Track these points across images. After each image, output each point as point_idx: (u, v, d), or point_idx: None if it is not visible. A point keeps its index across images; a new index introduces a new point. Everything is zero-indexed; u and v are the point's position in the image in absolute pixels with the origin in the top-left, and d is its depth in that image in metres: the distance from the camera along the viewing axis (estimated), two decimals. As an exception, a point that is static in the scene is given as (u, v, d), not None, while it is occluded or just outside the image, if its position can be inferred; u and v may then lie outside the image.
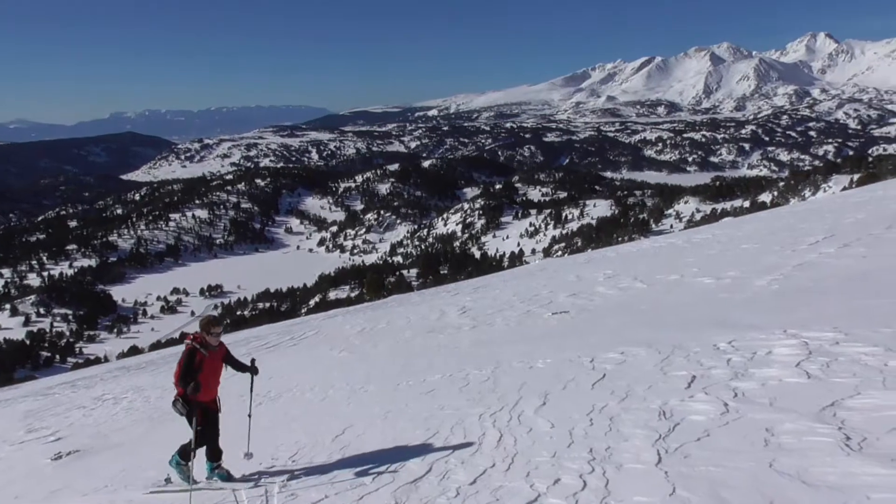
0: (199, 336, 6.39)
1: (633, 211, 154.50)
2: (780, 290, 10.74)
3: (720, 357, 6.72)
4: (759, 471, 4.07)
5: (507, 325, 13.08)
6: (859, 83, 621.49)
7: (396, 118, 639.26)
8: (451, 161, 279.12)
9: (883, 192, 25.29)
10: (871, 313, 7.47)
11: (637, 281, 14.77)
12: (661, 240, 27.88)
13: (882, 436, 4.19)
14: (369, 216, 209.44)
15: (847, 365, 5.65)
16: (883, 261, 11.40)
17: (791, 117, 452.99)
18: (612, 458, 4.82)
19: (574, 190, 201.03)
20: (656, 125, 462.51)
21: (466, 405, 7.23)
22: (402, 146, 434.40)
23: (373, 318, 19.70)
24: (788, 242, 15.49)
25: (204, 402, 6.42)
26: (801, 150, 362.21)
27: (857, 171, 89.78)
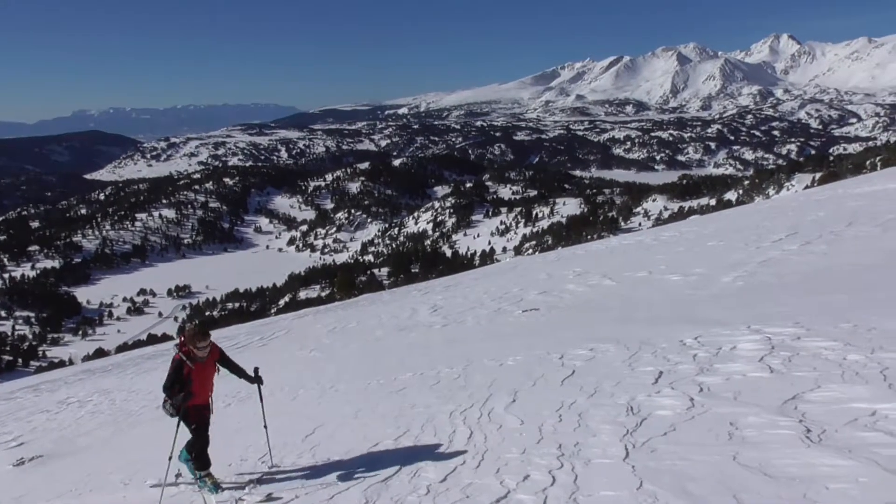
0: (187, 348, 6.08)
1: (603, 209, 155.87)
2: (744, 287, 10.95)
3: (686, 352, 6.83)
4: (723, 464, 4.16)
5: (478, 323, 13.14)
6: (820, 84, 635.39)
7: (366, 116, 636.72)
8: (421, 159, 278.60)
9: (843, 190, 25.89)
10: (831, 308, 7.66)
11: (606, 278, 14.93)
12: (629, 237, 28.20)
13: (840, 428, 4.31)
14: (340, 215, 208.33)
15: (808, 359, 5.79)
16: (843, 257, 11.69)
17: (755, 117, 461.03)
18: (580, 453, 4.87)
19: (544, 188, 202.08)
20: (625, 124, 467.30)
21: (437, 403, 7.25)
22: (373, 144, 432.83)
23: (343, 318, 19.63)
24: (753, 240, 15.79)
25: (195, 405, 6.21)
26: (765, 150, 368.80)
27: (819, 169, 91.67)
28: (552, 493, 4.32)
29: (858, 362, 5.45)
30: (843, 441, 4.11)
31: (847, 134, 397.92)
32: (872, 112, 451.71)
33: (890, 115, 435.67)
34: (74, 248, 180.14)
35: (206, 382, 6.23)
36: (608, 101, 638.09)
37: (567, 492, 4.28)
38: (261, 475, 6.38)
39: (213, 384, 6.35)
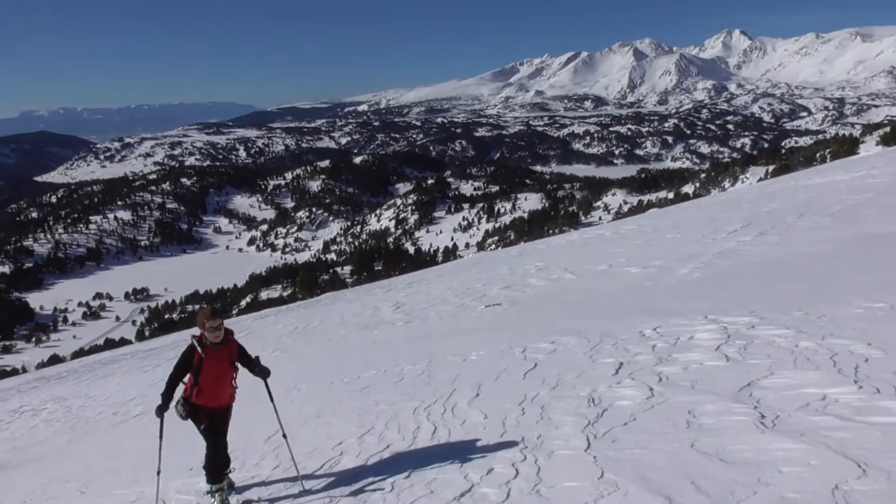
0: (199, 335, 5.37)
1: (563, 204, 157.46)
2: (701, 278, 11.17)
3: (646, 343, 6.94)
4: (681, 451, 4.24)
5: (442, 319, 13.16)
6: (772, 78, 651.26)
7: (326, 114, 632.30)
8: (382, 157, 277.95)
9: (794, 182, 26.58)
10: (784, 297, 7.87)
11: (567, 272, 15.08)
12: (590, 231, 28.52)
13: (793, 413, 4.43)
14: (300, 214, 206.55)
15: (762, 347, 5.94)
16: (795, 247, 12.00)
17: (710, 111, 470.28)
18: (543, 445, 4.92)
19: (505, 184, 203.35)
20: (584, 119, 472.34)
21: (401, 400, 7.25)
22: (333, 142, 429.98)
23: (306, 317, 19.48)
24: (709, 232, 16.12)
25: (209, 407, 5.43)
26: (720, 143, 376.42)
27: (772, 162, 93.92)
28: (515, 485, 4.36)
29: (810, 349, 5.61)
30: (795, 425, 4.23)
31: (798, 127, 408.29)
32: (821, 106, 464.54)
33: (838, 108, 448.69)
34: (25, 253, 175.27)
35: (222, 380, 5.40)
36: (567, 97, 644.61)
37: (530, 484, 4.32)
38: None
39: (233, 385, 5.53)
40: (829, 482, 3.44)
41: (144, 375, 15.49)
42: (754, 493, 3.54)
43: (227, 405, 5.59)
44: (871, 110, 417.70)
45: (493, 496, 4.29)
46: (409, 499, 4.65)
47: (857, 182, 20.11)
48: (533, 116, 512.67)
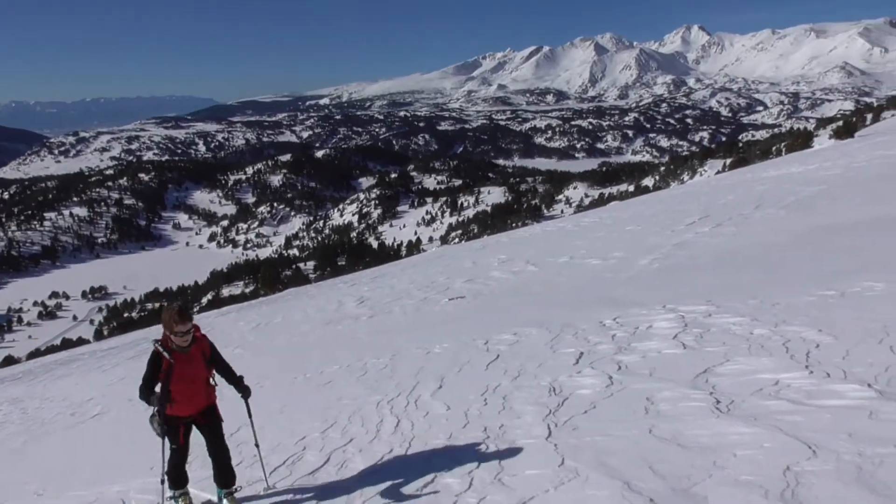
0: (164, 336, 4.85)
1: (526, 197, 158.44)
2: (660, 268, 11.35)
3: (606, 333, 7.04)
4: (640, 437, 4.32)
5: (405, 313, 13.15)
6: (729, 73, 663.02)
7: (287, 107, 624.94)
8: (345, 150, 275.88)
9: (751, 175, 27.15)
10: (740, 287, 8.04)
11: (530, 264, 15.19)
12: (552, 224, 28.76)
13: (747, 398, 4.55)
14: (262, 209, 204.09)
15: (718, 335, 6.07)
16: (750, 238, 12.27)
17: (670, 105, 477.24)
18: (505, 435, 4.97)
19: (469, 178, 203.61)
20: (546, 113, 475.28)
21: (364, 394, 7.23)
22: (294, 136, 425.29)
23: (268, 313, 19.28)
24: (668, 223, 16.37)
25: (187, 416, 4.95)
26: (679, 137, 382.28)
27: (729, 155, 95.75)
28: (478, 474, 4.40)
29: (764, 336, 5.75)
30: (749, 410, 4.34)
31: (754, 121, 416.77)
32: (777, 100, 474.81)
33: (793, 103, 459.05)
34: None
35: (195, 384, 4.91)
36: (529, 91, 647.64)
37: (492, 473, 4.36)
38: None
39: (208, 388, 5.04)
40: (781, 464, 3.54)
41: (103, 375, 15.18)
42: (710, 476, 3.62)
43: (206, 408, 5.04)
44: (825, 104, 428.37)
45: (456, 486, 4.31)
46: (372, 492, 4.66)
47: (811, 174, 20.61)
48: (495, 110, 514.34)
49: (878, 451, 3.44)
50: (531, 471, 4.24)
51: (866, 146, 26.23)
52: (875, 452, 3.44)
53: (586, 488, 3.82)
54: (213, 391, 5.10)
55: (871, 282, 6.76)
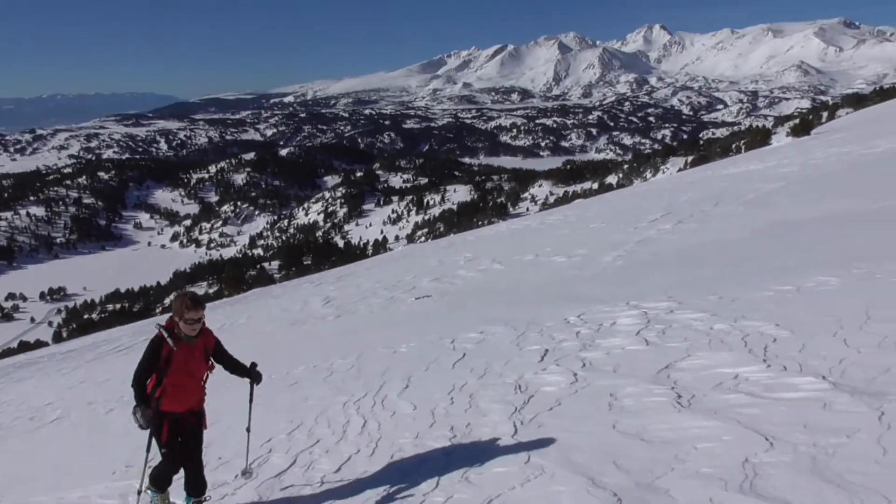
0: (170, 322, 4.55)
1: (492, 195, 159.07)
2: (623, 265, 11.51)
3: (570, 330, 7.12)
4: (604, 433, 4.38)
5: (372, 313, 13.12)
6: (690, 72, 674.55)
7: (251, 105, 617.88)
8: (310, 149, 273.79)
9: (712, 172, 27.64)
10: (701, 282, 8.19)
11: (495, 262, 15.27)
12: (517, 222, 28.92)
13: (708, 392, 4.64)
14: (226, 208, 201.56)
15: (679, 330, 6.18)
16: (711, 234, 12.51)
17: (632, 104, 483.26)
18: (471, 433, 5.00)
19: (434, 176, 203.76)
20: (511, 111, 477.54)
21: (330, 394, 7.20)
22: (258, 134, 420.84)
23: (232, 314, 19.07)
24: (631, 220, 16.60)
25: (176, 412, 4.61)
26: (642, 135, 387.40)
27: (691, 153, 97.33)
28: (445, 473, 4.41)
29: (723, 331, 5.87)
30: (709, 404, 4.43)
31: (715, 119, 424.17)
32: (737, 98, 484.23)
33: (752, 101, 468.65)
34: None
35: (193, 377, 4.64)
36: (494, 89, 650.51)
37: (459, 472, 4.38)
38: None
39: (204, 386, 4.80)
40: (740, 456, 3.63)
41: (63, 379, 14.84)
42: (672, 469, 3.69)
43: (195, 410, 4.75)
44: (783, 103, 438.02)
45: (424, 485, 4.33)
46: (339, 495, 4.65)
47: (769, 171, 21.07)
48: (461, 109, 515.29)
49: (832, 442, 3.54)
50: (498, 468, 4.27)
51: (822, 143, 26.89)
52: (828, 443, 3.54)
53: (552, 484, 3.87)
54: (205, 395, 4.84)
55: (826, 277, 6.94)
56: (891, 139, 20.94)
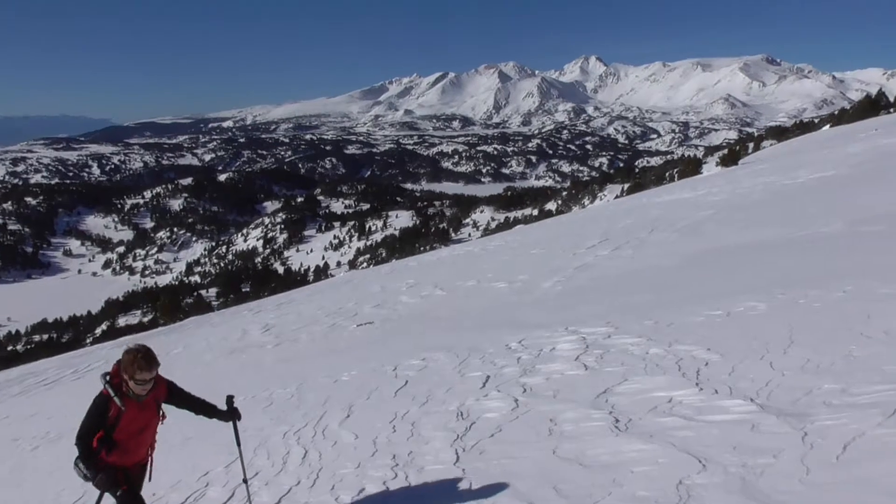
0: (117, 377, 4.15)
1: (434, 221, 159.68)
2: (563, 291, 11.72)
3: (511, 356, 7.20)
4: (544, 458, 4.45)
5: (313, 340, 12.96)
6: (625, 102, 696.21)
7: (188, 130, 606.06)
8: (249, 174, 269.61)
9: (647, 199, 28.46)
10: (637, 308, 8.42)
11: (437, 288, 15.32)
12: (459, 248, 29.10)
13: (644, 416, 4.77)
14: (161, 234, 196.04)
15: (617, 355, 6.33)
16: (647, 261, 12.87)
17: (570, 132, 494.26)
18: (414, 461, 4.99)
19: (377, 202, 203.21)
20: (452, 138, 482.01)
21: (270, 424, 7.08)
22: (196, 159, 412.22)
23: (167, 343, 18.52)
24: (570, 247, 16.93)
25: (125, 465, 4.28)
26: (580, 162, 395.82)
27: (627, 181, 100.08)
28: (387, 503, 4.39)
29: (658, 355, 6.04)
30: (645, 427, 4.56)
31: (649, 148, 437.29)
32: (669, 129, 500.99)
33: (683, 131, 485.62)
34: None
35: (145, 433, 4.32)
36: (436, 116, 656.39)
37: (401, 500, 4.37)
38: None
39: (154, 436, 4.46)
40: (674, 478, 3.74)
41: (-17, 414, 14.11)
42: (609, 493, 3.77)
43: (142, 462, 4.46)
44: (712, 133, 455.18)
45: (365, 516, 4.30)
46: (278, 525, 4.56)
47: (700, 199, 21.83)
48: (403, 135, 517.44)
49: (759, 462, 3.69)
50: (439, 497, 4.28)
51: (749, 173, 28.06)
52: (756, 463, 3.69)
53: (493, 511, 3.90)
54: (155, 442, 4.50)
55: (754, 302, 7.23)
56: (811, 170, 22.02)
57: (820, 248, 10.18)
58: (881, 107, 52.30)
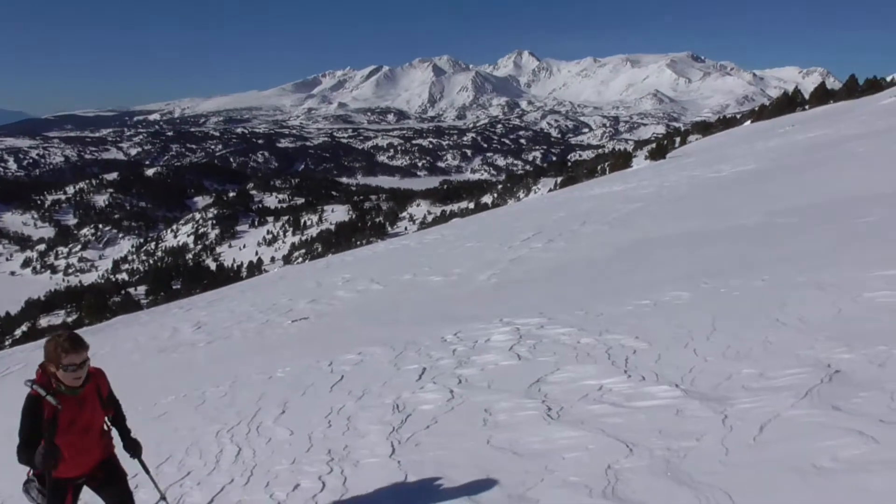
0: (43, 375, 3.62)
1: (370, 215, 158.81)
2: (498, 283, 11.86)
3: (447, 348, 7.26)
4: (478, 448, 4.52)
5: (246, 337, 12.73)
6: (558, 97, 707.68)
7: (113, 123, 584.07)
8: (178, 168, 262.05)
9: (579, 193, 29.05)
10: (569, 298, 8.61)
11: (374, 283, 15.28)
12: (396, 242, 29.04)
13: (575, 403, 4.89)
14: (85, 231, 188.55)
15: (549, 345, 6.47)
16: (579, 252, 13.15)
17: (505, 126, 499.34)
18: (349, 456, 4.99)
19: (311, 196, 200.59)
20: (387, 132, 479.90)
21: (203, 424, 6.94)
22: (122, 153, 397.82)
23: (94, 344, 17.81)
24: (505, 239, 17.13)
25: (74, 477, 3.76)
26: (514, 156, 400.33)
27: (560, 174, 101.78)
28: (322, 498, 4.38)
29: (589, 344, 6.21)
30: (576, 415, 4.68)
31: (581, 142, 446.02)
32: (600, 123, 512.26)
33: (614, 126, 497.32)
34: None
35: (88, 434, 3.73)
36: (370, 110, 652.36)
37: (336, 495, 4.36)
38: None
39: (104, 437, 3.91)
40: (603, 463, 3.86)
41: None
42: (542, 480, 3.86)
43: (101, 463, 3.88)
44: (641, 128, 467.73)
45: (300, 512, 4.27)
46: (212, 525, 4.49)
47: (630, 192, 22.41)
48: (337, 128, 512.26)
49: (683, 445, 3.85)
50: (375, 489, 4.29)
51: (676, 167, 28.96)
52: (680, 446, 3.84)
53: (429, 502, 3.93)
54: (111, 441, 3.97)
55: (679, 291, 7.50)
56: (733, 164, 22.89)
57: (741, 239, 10.61)
58: (797, 104, 54.73)
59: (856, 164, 16.34)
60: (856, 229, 9.17)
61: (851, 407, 3.76)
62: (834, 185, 14.12)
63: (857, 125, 26.34)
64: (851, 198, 12.01)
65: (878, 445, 3.27)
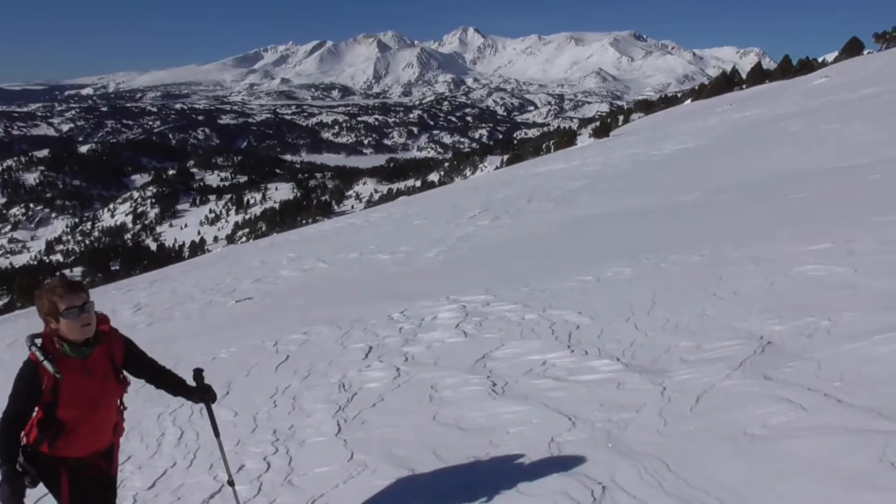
0: (47, 335, 3.00)
1: (316, 193, 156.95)
2: (445, 261, 11.90)
3: (394, 326, 7.26)
4: (424, 425, 4.54)
5: (188, 319, 12.47)
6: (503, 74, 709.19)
7: (42, 97, 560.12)
8: (114, 145, 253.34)
9: (525, 171, 29.27)
10: (514, 275, 8.69)
11: (320, 261, 15.14)
12: (342, 220, 28.77)
13: (519, 378, 4.97)
14: (15, 211, 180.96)
15: (495, 322, 6.53)
16: (525, 229, 13.29)
17: (451, 103, 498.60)
18: (295, 435, 4.96)
19: (255, 174, 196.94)
20: (332, 108, 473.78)
21: (143, 407, 6.77)
22: (52, 129, 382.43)
23: (26, 328, 17.23)
24: (452, 217, 17.18)
25: (75, 458, 3.04)
26: (461, 134, 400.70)
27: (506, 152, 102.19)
28: (267, 478, 4.35)
29: (533, 320, 6.29)
30: (521, 390, 4.75)
31: (527, 120, 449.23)
32: (545, 101, 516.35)
33: (559, 104, 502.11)
34: None
35: (99, 409, 3.06)
36: (314, 86, 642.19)
37: (282, 475, 4.34)
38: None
39: (116, 412, 3.25)
40: (546, 437, 3.93)
41: None
42: (486, 454, 3.92)
43: (102, 451, 3.18)
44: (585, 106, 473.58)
45: (245, 493, 4.23)
46: (154, 509, 4.42)
47: (574, 170, 22.70)
48: (280, 104, 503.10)
49: (623, 417, 3.95)
50: (321, 468, 4.28)
51: (619, 145, 29.43)
52: (620, 418, 3.94)
53: (374, 479, 3.95)
54: (123, 421, 3.33)
55: (621, 267, 7.65)
56: (674, 142, 23.39)
57: (681, 216, 10.88)
58: (735, 83, 56.16)
59: (789, 143, 16.89)
60: (789, 206, 9.50)
61: (781, 376, 3.91)
62: (769, 162, 14.57)
63: (791, 104, 27.20)
64: (785, 175, 12.43)
65: (805, 413, 3.42)
